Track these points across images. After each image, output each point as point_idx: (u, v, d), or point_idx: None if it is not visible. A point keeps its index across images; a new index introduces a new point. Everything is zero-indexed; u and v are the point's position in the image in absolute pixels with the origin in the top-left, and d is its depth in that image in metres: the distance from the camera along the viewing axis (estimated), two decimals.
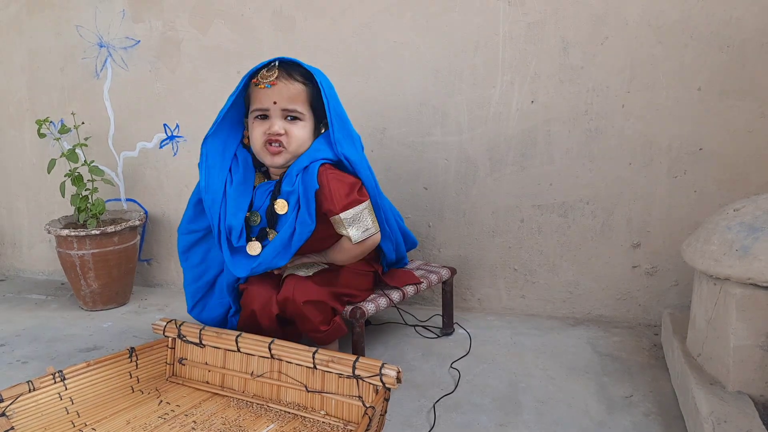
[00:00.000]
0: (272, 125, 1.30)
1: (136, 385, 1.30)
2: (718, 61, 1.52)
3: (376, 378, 1.09)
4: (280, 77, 1.28)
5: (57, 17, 2.19)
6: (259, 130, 1.32)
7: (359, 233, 1.32)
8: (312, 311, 1.32)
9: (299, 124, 1.32)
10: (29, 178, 2.39)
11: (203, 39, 2.01)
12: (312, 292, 1.33)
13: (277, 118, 1.30)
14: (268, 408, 1.22)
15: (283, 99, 1.29)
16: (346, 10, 1.82)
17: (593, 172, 1.68)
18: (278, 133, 1.29)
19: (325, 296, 1.35)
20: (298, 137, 1.31)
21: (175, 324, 1.35)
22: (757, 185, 1.54)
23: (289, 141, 1.31)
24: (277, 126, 1.29)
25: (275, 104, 1.29)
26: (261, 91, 1.29)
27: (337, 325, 1.39)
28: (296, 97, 1.30)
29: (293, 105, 1.30)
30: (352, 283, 1.45)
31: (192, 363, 1.34)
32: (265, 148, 1.32)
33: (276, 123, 1.30)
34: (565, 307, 1.79)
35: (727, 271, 1.10)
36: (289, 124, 1.31)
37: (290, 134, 1.31)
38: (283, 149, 1.31)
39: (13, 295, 2.23)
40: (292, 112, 1.30)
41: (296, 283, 1.33)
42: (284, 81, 1.29)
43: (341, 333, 1.41)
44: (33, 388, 1.12)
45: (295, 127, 1.31)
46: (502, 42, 1.69)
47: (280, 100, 1.29)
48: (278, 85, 1.28)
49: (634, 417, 1.22)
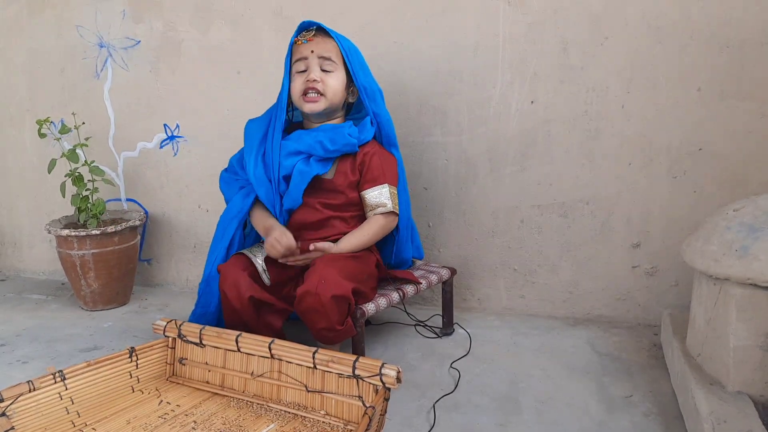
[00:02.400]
0: (310, 73, 1.47)
1: (137, 385, 1.30)
2: (718, 62, 1.53)
3: (376, 378, 1.09)
4: (317, 34, 1.48)
5: (57, 17, 2.20)
6: (299, 81, 1.49)
7: (391, 205, 1.51)
8: (334, 308, 1.31)
9: (333, 75, 1.48)
10: (30, 178, 2.39)
11: (203, 39, 2.01)
12: (340, 286, 1.32)
13: (314, 65, 1.47)
14: (268, 408, 1.22)
15: (318, 48, 1.47)
16: (346, 11, 1.82)
17: (593, 173, 1.68)
18: (315, 79, 1.46)
19: (350, 292, 1.35)
20: (332, 85, 1.48)
21: (175, 324, 1.35)
22: (756, 185, 1.54)
23: (325, 88, 1.47)
24: (315, 73, 1.46)
25: (312, 53, 1.47)
26: (301, 45, 1.48)
27: (349, 326, 1.38)
28: (331, 49, 1.48)
29: (328, 53, 1.47)
30: (364, 277, 1.45)
31: (192, 363, 1.34)
32: (302, 98, 1.49)
33: (314, 70, 1.47)
34: (565, 307, 1.79)
35: (726, 271, 1.10)
36: (324, 75, 1.47)
37: (325, 82, 1.47)
38: (320, 96, 1.48)
39: (13, 295, 2.23)
40: (327, 60, 1.47)
41: (324, 274, 1.32)
42: (320, 37, 1.48)
43: (351, 334, 1.40)
44: (33, 387, 1.12)
45: (329, 77, 1.48)
46: (501, 42, 1.70)
47: (317, 49, 1.47)
48: (315, 39, 1.47)
49: (633, 417, 1.22)
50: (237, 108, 2.01)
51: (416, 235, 1.70)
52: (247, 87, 1.99)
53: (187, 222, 2.17)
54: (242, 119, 2.00)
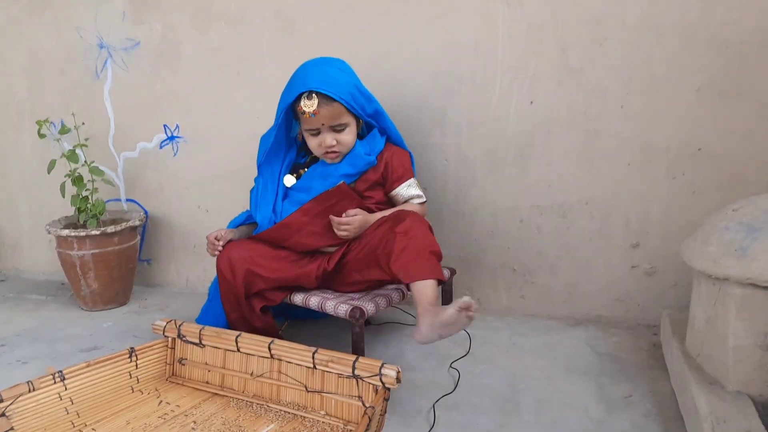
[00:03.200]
0: (325, 140, 1.50)
1: (136, 385, 1.30)
2: (717, 63, 1.53)
3: (375, 378, 1.09)
4: (321, 104, 1.45)
5: (57, 18, 2.20)
6: (315, 143, 1.53)
7: (424, 196, 1.60)
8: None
9: (346, 131, 1.52)
10: (29, 179, 2.39)
11: (203, 40, 2.02)
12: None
13: (327, 133, 1.50)
14: (268, 408, 1.22)
15: (328, 119, 1.47)
16: (346, 12, 1.83)
17: (592, 173, 1.68)
18: (332, 145, 1.50)
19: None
20: (348, 141, 1.53)
21: (175, 324, 1.36)
22: (755, 186, 1.54)
23: (342, 147, 1.52)
24: (329, 140, 1.50)
25: (323, 125, 1.48)
26: (308, 118, 1.47)
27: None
28: (338, 114, 1.48)
29: (338, 120, 1.49)
30: None
31: (192, 363, 1.35)
32: (324, 156, 1.55)
33: (327, 138, 1.50)
34: (564, 308, 1.79)
35: (726, 272, 1.10)
36: (338, 135, 1.51)
37: (341, 142, 1.52)
38: (338, 153, 1.53)
39: (13, 296, 2.23)
40: (338, 126, 1.50)
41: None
42: (324, 106, 1.45)
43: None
44: (33, 388, 1.12)
45: (344, 135, 1.52)
46: (501, 44, 1.70)
47: (326, 121, 1.48)
48: (321, 111, 1.45)
49: (633, 417, 1.22)
50: (237, 109, 2.02)
51: None
52: (246, 88, 1.99)
53: (186, 222, 2.17)
54: (242, 120, 2.01)
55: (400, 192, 1.57)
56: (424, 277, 1.30)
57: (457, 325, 1.17)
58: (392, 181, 1.57)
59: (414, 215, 1.39)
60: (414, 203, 1.58)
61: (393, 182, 1.57)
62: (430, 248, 1.34)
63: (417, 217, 1.39)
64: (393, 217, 1.41)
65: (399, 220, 1.37)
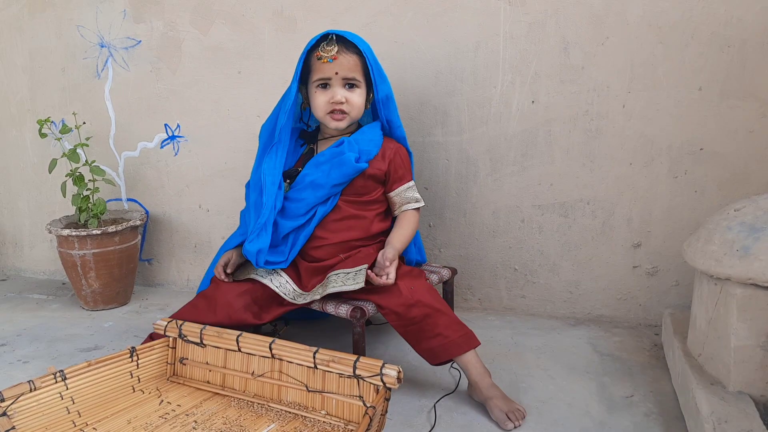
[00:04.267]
0: (335, 94, 1.43)
1: (137, 385, 1.30)
2: (719, 62, 1.52)
3: (376, 378, 1.09)
4: (341, 51, 1.41)
5: (58, 17, 2.20)
6: (322, 99, 1.45)
7: (421, 200, 1.55)
8: (444, 303, 1.32)
9: (357, 92, 1.46)
10: (30, 178, 2.39)
11: (204, 39, 2.01)
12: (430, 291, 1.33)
13: (338, 86, 1.44)
14: (269, 408, 1.22)
15: (343, 69, 1.42)
16: (347, 11, 1.82)
17: (594, 172, 1.68)
18: (340, 101, 1.43)
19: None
20: (357, 104, 1.47)
21: (176, 324, 1.36)
22: (757, 185, 1.54)
23: (350, 107, 1.46)
24: (339, 95, 1.43)
25: (337, 74, 1.42)
26: (324, 64, 1.41)
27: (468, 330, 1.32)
28: (354, 67, 1.43)
29: (352, 74, 1.43)
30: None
31: (193, 363, 1.35)
32: (328, 116, 1.47)
33: (338, 92, 1.43)
34: (566, 307, 1.79)
35: (727, 271, 1.10)
36: (348, 93, 1.45)
37: (350, 101, 1.45)
38: (345, 115, 1.46)
39: (14, 295, 2.23)
40: (351, 80, 1.44)
41: (411, 282, 1.33)
42: (344, 54, 1.41)
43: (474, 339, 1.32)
44: (34, 387, 1.12)
45: (354, 95, 1.45)
46: (502, 42, 1.69)
47: (341, 71, 1.42)
48: (339, 58, 1.40)
49: (634, 417, 1.22)
50: (238, 107, 2.01)
51: (418, 237, 1.67)
52: (247, 87, 1.99)
53: (187, 222, 2.17)
54: (243, 119, 2.01)
55: (399, 193, 1.52)
56: (461, 352, 1.28)
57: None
58: (393, 181, 1.51)
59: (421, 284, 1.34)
60: (411, 208, 1.53)
61: (394, 182, 1.51)
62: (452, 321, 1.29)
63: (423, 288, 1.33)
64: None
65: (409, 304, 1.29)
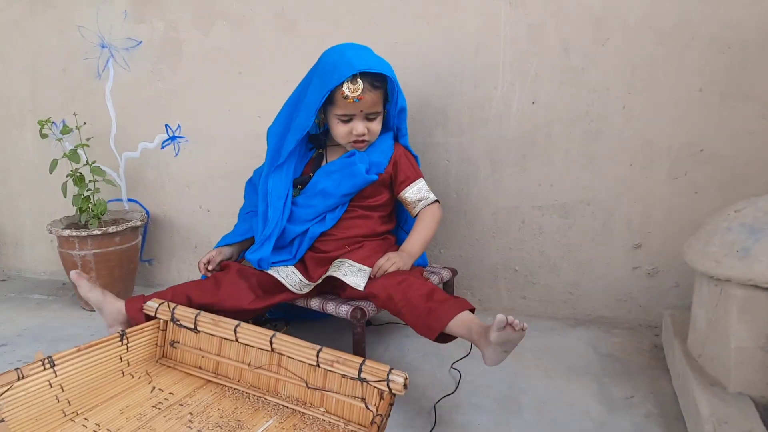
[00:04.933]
0: (356, 127, 1.47)
1: (126, 369, 1.26)
2: (719, 63, 1.53)
3: (383, 383, 1.08)
4: (365, 90, 1.42)
5: (59, 18, 2.20)
6: (344, 130, 1.48)
7: (434, 195, 1.56)
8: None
9: (377, 120, 1.50)
10: (31, 179, 2.39)
11: (205, 40, 2.02)
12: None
13: (360, 120, 1.47)
14: (265, 401, 1.19)
15: (367, 105, 1.45)
16: (348, 12, 1.82)
17: (594, 174, 1.68)
18: (363, 134, 1.48)
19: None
20: (377, 131, 1.51)
21: (168, 306, 1.32)
22: (757, 186, 1.54)
23: (371, 135, 1.51)
24: (362, 128, 1.47)
25: (361, 112, 1.46)
26: (350, 103, 1.43)
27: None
28: (378, 102, 1.47)
29: (375, 108, 1.47)
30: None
31: (184, 347, 1.31)
32: (350, 144, 1.52)
33: (359, 125, 1.47)
34: (566, 308, 1.79)
35: (727, 273, 1.10)
36: (369, 123, 1.49)
37: (371, 131, 1.50)
38: (366, 142, 1.51)
39: (14, 295, 2.23)
40: (371, 114, 1.48)
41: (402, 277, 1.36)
42: (368, 92, 1.43)
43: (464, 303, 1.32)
44: (22, 375, 1.08)
45: (374, 124, 1.50)
46: (502, 43, 1.70)
47: (365, 108, 1.45)
48: (365, 97, 1.43)
49: (634, 418, 1.22)
50: (238, 108, 2.02)
51: None
52: (248, 87, 1.99)
53: (188, 222, 2.17)
54: (244, 119, 2.01)
55: (408, 194, 1.54)
56: (453, 316, 1.27)
57: (511, 341, 1.13)
58: (400, 182, 1.54)
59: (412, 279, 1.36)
60: (427, 204, 1.53)
61: (401, 183, 1.53)
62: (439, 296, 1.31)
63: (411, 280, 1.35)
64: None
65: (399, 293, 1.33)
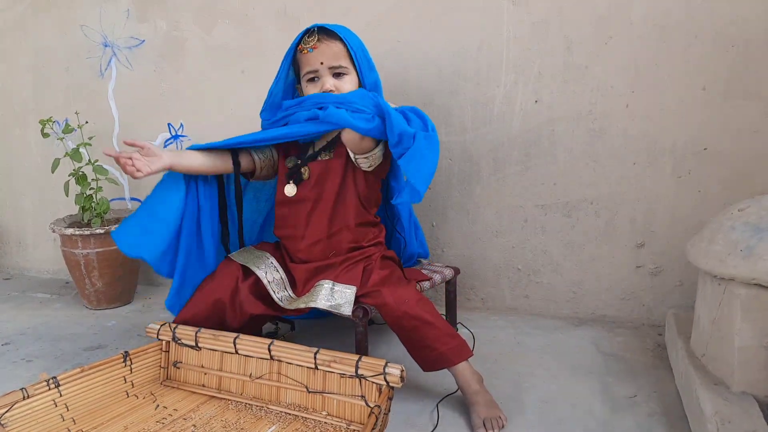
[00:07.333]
0: (324, 84, 1.40)
1: (131, 390, 1.28)
2: (723, 61, 1.52)
3: (380, 377, 1.09)
4: (321, 39, 1.38)
5: (62, 17, 2.20)
6: (313, 91, 1.42)
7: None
8: (434, 314, 1.28)
9: (345, 79, 1.42)
10: (34, 178, 2.40)
11: (208, 39, 2.02)
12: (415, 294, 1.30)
13: (326, 76, 1.40)
14: (268, 410, 1.21)
15: (327, 58, 1.39)
16: (350, 10, 1.82)
17: (597, 172, 1.68)
18: (330, 89, 1.39)
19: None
20: (348, 90, 1.41)
21: (169, 327, 1.33)
22: (761, 185, 1.53)
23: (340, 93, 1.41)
24: (329, 84, 1.39)
25: (322, 64, 1.39)
26: (307, 55, 1.39)
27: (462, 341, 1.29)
28: (339, 55, 1.40)
29: (338, 62, 1.40)
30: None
31: (187, 366, 1.33)
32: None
33: (327, 81, 1.40)
34: (569, 307, 1.79)
35: (731, 272, 1.10)
36: (337, 81, 1.41)
37: (340, 89, 1.40)
38: None
39: (17, 294, 2.24)
40: (337, 68, 1.40)
41: (396, 290, 1.30)
42: (325, 42, 1.39)
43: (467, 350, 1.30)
44: (27, 395, 1.10)
45: (343, 82, 1.41)
46: (506, 41, 1.69)
47: (326, 60, 1.39)
48: (320, 47, 1.38)
49: (637, 417, 1.22)
50: (241, 107, 2.02)
51: (420, 232, 1.70)
52: (251, 86, 1.99)
53: None
54: (246, 118, 2.01)
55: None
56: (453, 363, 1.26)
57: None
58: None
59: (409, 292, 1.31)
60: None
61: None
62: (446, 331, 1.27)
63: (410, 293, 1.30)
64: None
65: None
